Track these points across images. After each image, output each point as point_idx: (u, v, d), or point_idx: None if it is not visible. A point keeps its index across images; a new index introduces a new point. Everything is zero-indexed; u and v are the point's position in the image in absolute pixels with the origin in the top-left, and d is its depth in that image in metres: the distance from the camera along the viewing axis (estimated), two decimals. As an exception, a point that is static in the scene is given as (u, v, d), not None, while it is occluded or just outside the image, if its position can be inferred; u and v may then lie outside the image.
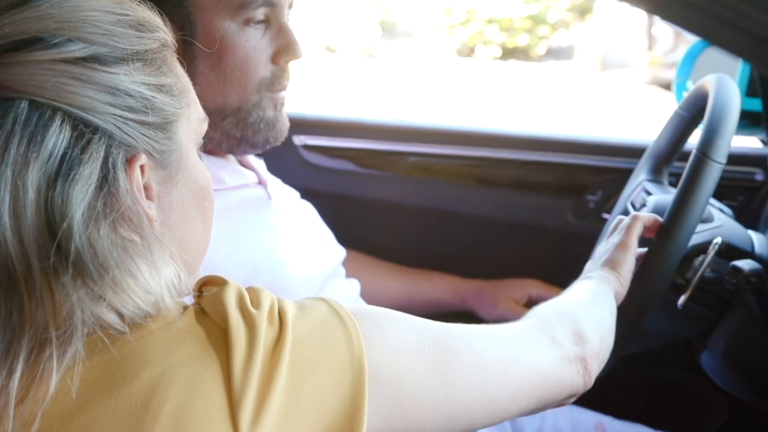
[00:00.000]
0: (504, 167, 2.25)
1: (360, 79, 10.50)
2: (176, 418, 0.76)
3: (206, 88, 1.44)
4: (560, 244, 1.99)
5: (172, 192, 0.92)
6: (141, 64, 0.87)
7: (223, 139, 1.50)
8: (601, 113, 9.02)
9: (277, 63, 1.48)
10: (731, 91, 1.54)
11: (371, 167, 2.29)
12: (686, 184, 1.44)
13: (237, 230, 1.47)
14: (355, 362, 0.85)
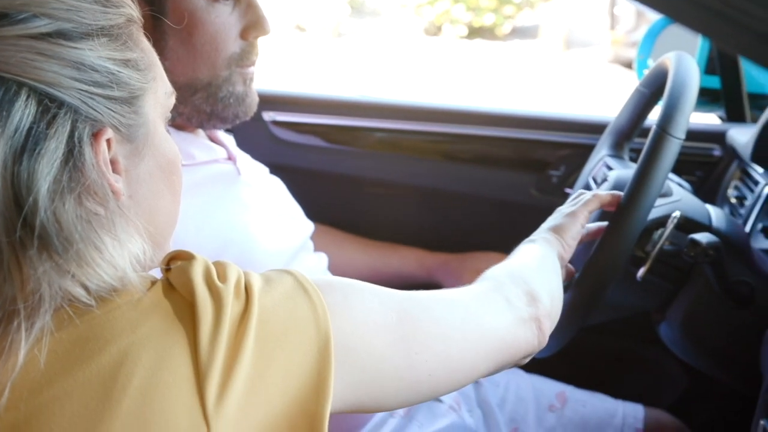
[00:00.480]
0: (469, 143, 2.25)
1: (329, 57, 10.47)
2: (143, 390, 0.76)
3: (176, 63, 1.43)
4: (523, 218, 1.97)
5: (140, 165, 0.90)
6: (107, 40, 0.85)
7: (193, 113, 1.49)
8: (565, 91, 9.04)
9: (246, 39, 1.47)
10: (690, 69, 1.54)
11: (339, 143, 2.28)
12: (646, 159, 1.44)
13: (207, 205, 1.46)
14: (321, 334, 0.84)
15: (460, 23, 12.15)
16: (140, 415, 0.76)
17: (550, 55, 11.22)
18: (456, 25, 12.18)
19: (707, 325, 1.60)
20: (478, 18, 12.11)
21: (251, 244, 1.51)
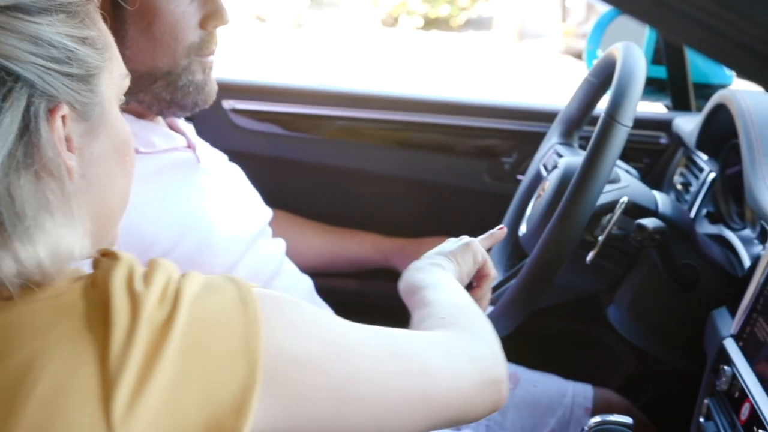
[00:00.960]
0: (424, 131, 2.25)
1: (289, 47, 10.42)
2: (48, 399, 0.72)
3: (137, 52, 1.41)
4: (477, 204, 1.99)
5: (93, 145, 0.87)
6: (65, 16, 0.82)
7: (153, 101, 1.47)
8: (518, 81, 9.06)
9: (205, 28, 1.46)
10: (638, 59, 1.55)
11: (298, 130, 2.27)
12: (595, 146, 1.44)
13: (167, 192, 1.45)
14: (251, 354, 0.79)
15: (416, 14, 12.15)
16: (41, 427, 0.72)
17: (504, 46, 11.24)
18: (412, 17, 12.17)
19: (653, 307, 1.61)
20: (434, 9, 12.11)
21: (210, 230, 1.50)
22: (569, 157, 1.70)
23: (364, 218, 2.17)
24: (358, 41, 11.04)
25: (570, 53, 10.00)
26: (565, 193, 1.47)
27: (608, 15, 2.36)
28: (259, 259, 1.60)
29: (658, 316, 1.62)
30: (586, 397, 1.83)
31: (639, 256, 1.58)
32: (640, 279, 1.59)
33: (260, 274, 1.58)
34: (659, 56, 2.20)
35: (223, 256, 1.51)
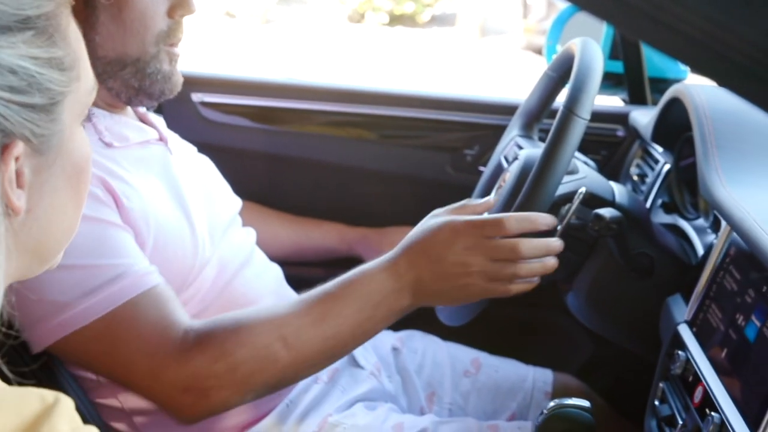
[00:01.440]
0: (388, 123, 2.25)
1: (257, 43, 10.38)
2: None
3: (107, 38, 1.41)
4: (439, 195, 1.98)
5: (46, 178, 0.77)
6: (31, 34, 0.71)
7: (122, 88, 1.46)
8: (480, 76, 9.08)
9: (172, 17, 1.45)
10: (595, 53, 1.55)
11: (265, 123, 2.27)
12: (554, 138, 1.44)
13: (141, 186, 1.44)
14: None
15: (381, 11, 12.13)
16: None
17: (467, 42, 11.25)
18: (378, 13, 12.15)
19: (610, 294, 1.61)
20: (399, 6, 12.11)
21: (184, 221, 1.49)
22: (529, 149, 1.70)
23: (329, 209, 2.17)
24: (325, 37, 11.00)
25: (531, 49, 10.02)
26: (525, 183, 1.47)
27: (567, 11, 2.37)
28: (230, 248, 1.59)
29: (615, 303, 1.62)
30: (546, 381, 1.84)
31: (596, 244, 1.59)
32: (597, 267, 1.60)
33: (231, 263, 1.57)
34: (616, 51, 2.21)
35: (197, 246, 1.50)
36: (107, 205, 1.35)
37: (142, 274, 1.33)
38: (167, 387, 1.29)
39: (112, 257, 1.31)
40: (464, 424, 1.61)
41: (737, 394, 1.21)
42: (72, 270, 1.27)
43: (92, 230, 1.30)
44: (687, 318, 1.45)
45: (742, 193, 1.37)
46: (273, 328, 1.31)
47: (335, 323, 1.33)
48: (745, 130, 1.51)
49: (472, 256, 1.33)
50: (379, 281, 1.35)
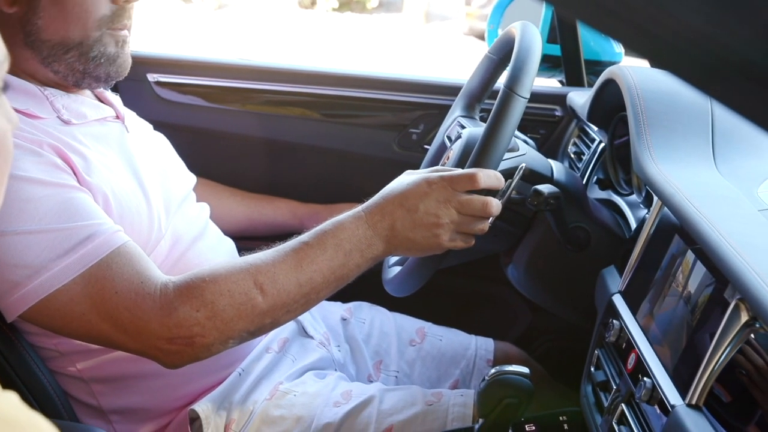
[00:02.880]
0: (337, 103, 2.24)
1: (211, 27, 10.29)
2: None
3: (49, 22, 1.38)
4: (386, 172, 1.98)
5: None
6: None
7: (68, 71, 1.44)
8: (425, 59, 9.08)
9: (116, 2, 1.42)
10: (534, 36, 1.55)
11: (218, 102, 2.26)
12: (495, 116, 1.44)
13: (99, 161, 1.42)
14: None
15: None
16: None
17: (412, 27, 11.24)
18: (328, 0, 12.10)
19: (548, 266, 1.62)
20: (348, -8, 12.08)
21: (140, 197, 1.48)
22: (471, 128, 1.69)
23: (280, 185, 2.16)
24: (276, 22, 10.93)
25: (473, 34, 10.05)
26: (467, 160, 1.46)
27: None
28: (185, 222, 1.58)
29: (553, 274, 1.63)
30: (488, 349, 1.85)
31: (535, 219, 1.59)
32: (536, 240, 1.60)
33: (186, 236, 1.56)
34: (554, 35, 2.21)
35: (153, 221, 1.49)
36: (66, 172, 1.34)
37: (111, 232, 1.31)
38: (153, 338, 1.28)
39: (81, 219, 1.29)
40: (409, 391, 1.61)
41: (668, 361, 1.22)
42: (43, 234, 1.25)
43: (56, 194, 1.29)
44: (620, 288, 1.45)
45: (672, 170, 1.37)
46: (249, 276, 1.31)
47: (309, 270, 1.33)
48: (675, 110, 1.51)
49: (444, 209, 1.36)
50: (351, 230, 1.36)
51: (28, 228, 1.25)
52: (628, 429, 1.28)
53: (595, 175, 1.86)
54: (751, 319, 1.05)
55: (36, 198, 1.27)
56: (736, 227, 1.15)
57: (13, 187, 1.25)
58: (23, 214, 1.25)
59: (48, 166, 1.31)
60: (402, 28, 11.10)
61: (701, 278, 1.20)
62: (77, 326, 1.30)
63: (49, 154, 1.33)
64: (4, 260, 1.24)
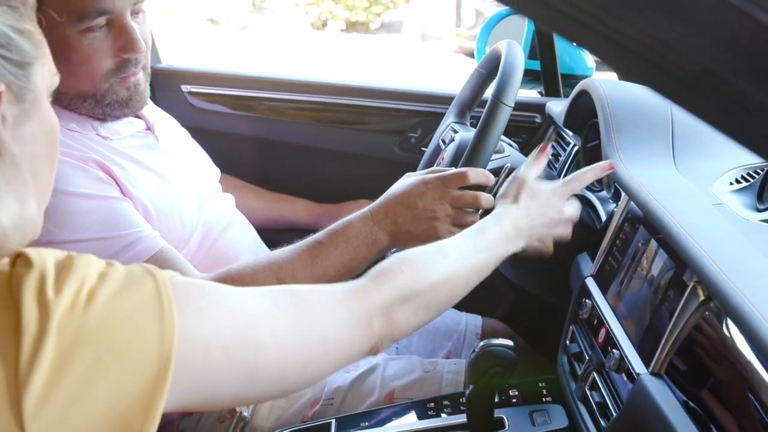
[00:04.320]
0: (345, 111, 2.24)
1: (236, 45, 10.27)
2: None
3: (64, 77, 1.34)
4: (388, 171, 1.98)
5: (26, 126, 0.77)
6: (6, 8, 0.74)
7: (89, 114, 1.42)
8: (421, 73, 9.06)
9: (120, 56, 1.38)
10: (518, 53, 1.55)
11: (242, 110, 2.26)
12: (484, 122, 1.45)
13: (137, 172, 1.42)
14: (164, 356, 0.69)
15: (339, 19, 12.03)
16: None
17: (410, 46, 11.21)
18: (336, 21, 12.05)
19: (530, 253, 1.61)
20: (354, 15, 12.01)
21: (176, 200, 1.48)
22: (463, 132, 1.69)
23: (295, 182, 2.16)
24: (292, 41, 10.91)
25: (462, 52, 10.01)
26: (460, 161, 1.46)
27: (494, 18, 2.36)
28: (214, 214, 1.58)
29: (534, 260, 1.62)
30: (477, 325, 1.84)
31: (519, 212, 1.58)
32: (519, 230, 1.59)
33: (215, 227, 1.56)
34: (534, 53, 2.21)
35: (186, 218, 1.49)
36: (110, 184, 1.34)
37: (151, 238, 1.32)
38: None
39: (124, 228, 1.30)
40: (409, 360, 1.61)
41: (633, 335, 1.21)
42: (92, 242, 1.26)
43: (102, 206, 1.30)
44: (593, 272, 1.45)
45: (637, 170, 1.37)
46: (272, 273, 1.32)
47: (323, 264, 1.34)
48: (641, 117, 1.51)
49: (440, 204, 1.37)
50: (358, 228, 1.37)
51: (78, 237, 1.26)
52: (599, 394, 1.28)
53: (569, 173, 1.85)
54: (707, 299, 1.05)
55: (84, 210, 1.28)
56: (694, 219, 1.15)
57: (64, 201, 1.26)
58: (74, 225, 1.26)
59: (94, 181, 1.32)
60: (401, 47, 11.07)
61: (663, 263, 1.20)
62: None
63: (94, 169, 1.33)
64: None
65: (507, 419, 1.36)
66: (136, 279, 0.72)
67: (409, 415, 1.45)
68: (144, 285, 0.72)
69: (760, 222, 1.19)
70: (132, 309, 0.69)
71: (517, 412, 1.39)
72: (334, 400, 1.52)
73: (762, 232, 1.15)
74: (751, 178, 1.35)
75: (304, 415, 1.51)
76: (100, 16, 1.32)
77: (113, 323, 0.68)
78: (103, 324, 0.67)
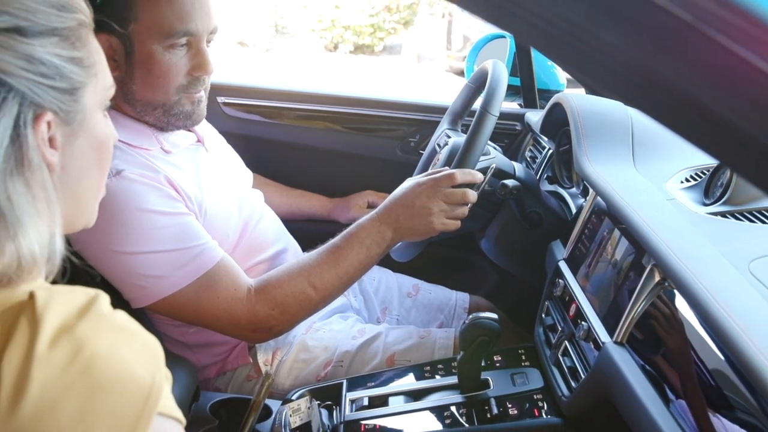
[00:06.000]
0: (354, 119, 2.22)
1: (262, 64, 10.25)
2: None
3: (140, 86, 1.34)
4: (391, 170, 1.98)
5: (74, 143, 0.75)
6: (57, 39, 0.71)
7: (156, 122, 1.40)
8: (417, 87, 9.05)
9: (192, 75, 1.37)
10: (502, 70, 1.55)
11: (269, 117, 2.25)
12: (474, 129, 1.44)
13: (195, 183, 1.41)
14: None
15: (348, 43, 11.99)
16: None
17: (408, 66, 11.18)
18: (346, 44, 12.02)
19: (511, 240, 1.61)
20: (360, 39, 11.97)
21: (225, 202, 1.48)
22: (455, 137, 1.69)
23: (313, 179, 2.15)
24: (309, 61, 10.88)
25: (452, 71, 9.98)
26: (452, 162, 1.46)
27: (481, 41, 2.36)
28: (250, 209, 1.58)
29: (515, 246, 1.62)
30: (465, 301, 1.84)
31: (502, 205, 1.58)
32: (502, 221, 1.59)
33: (251, 221, 1.57)
34: (515, 70, 2.20)
35: (232, 218, 1.49)
36: (178, 200, 1.34)
37: (213, 249, 1.33)
38: (243, 330, 1.35)
39: (192, 240, 1.31)
40: (407, 329, 1.61)
41: (599, 310, 1.21)
42: (165, 253, 1.28)
43: (174, 222, 1.30)
44: (565, 257, 1.45)
45: (603, 170, 1.37)
46: (304, 278, 1.36)
47: (344, 265, 1.38)
48: (605, 125, 1.51)
49: (433, 202, 1.39)
50: (368, 229, 1.40)
51: (155, 248, 1.27)
52: (570, 359, 1.28)
53: (545, 173, 1.85)
54: (662, 280, 1.05)
55: (160, 226, 1.28)
56: (651, 212, 1.15)
57: (144, 217, 1.27)
58: (152, 239, 1.27)
59: (167, 199, 1.31)
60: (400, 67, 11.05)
61: (625, 249, 1.20)
62: (186, 317, 1.34)
63: (166, 188, 1.32)
64: (139, 271, 1.27)
65: (492, 380, 1.36)
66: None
67: (409, 376, 1.45)
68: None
69: (707, 215, 1.18)
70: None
71: (500, 374, 1.39)
72: (343, 362, 1.52)
73: (708, 223, 1.15)
74: (699, 177, 1.34)
75: (318, 375, 1.51)
76: (183, 37, 1.32)
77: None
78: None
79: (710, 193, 1.25)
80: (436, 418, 1.31)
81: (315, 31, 12.07)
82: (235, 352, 1.53)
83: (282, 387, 1.50)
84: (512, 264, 1.66)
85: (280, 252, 1.60)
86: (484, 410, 1.30)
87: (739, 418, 0.83)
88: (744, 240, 1.07)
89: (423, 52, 11.59)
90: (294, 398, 1.39)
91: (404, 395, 1.38)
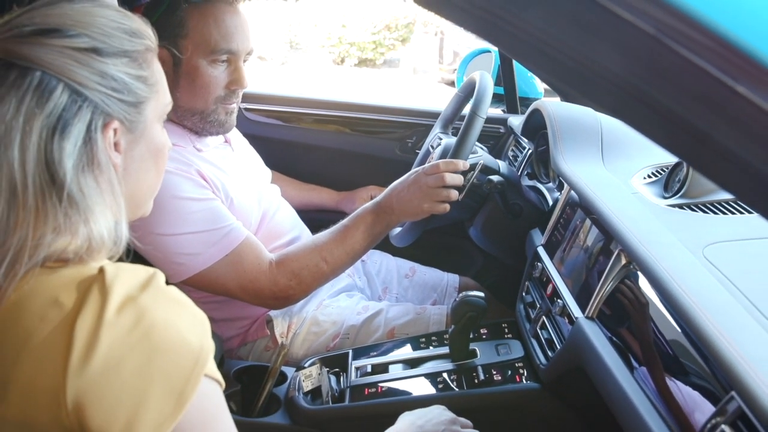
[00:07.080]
0: (360, 122, 2.22)
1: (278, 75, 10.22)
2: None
3: (183, 94, 1.36)
4: (391, 167, 1.98)
5: (135, 149, 0.77)
6: (127, 60, 0.74)
7: (192, 127, 1.41)
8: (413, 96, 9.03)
9: (229, 88, 1.39)
10: (488, 80, 1.55)
11: (286, 121, 2.24)
12: (464, 130, 1.44)
13: (223, 177, 1.41)
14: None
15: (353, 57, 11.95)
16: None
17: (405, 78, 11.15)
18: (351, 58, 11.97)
19: (496, 228, 1.61)
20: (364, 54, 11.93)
21: (248, 196, 1.48)
22: (446, 139, 1.68)
23: (320, 176, 2.14)
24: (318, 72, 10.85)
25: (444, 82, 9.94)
26: None
27: (470, 55, 2.36)
28: (268, 202, 1.58)
29: (499, 233, 1.62)
30: (455, 281, 1.84)
31: (488, 197, 1.58)
32: (488, 211, 1.59)
33: (269, 211, 1.57)
34: (500, 80, 2.20)
35: (254, 208, 1.50)
36: (207, 188, 1.35)
37: (238, 229, 1.35)
38: (265, 298, 1.36)
39: (220, 222, 1.32)
40: (405, 306, 1.61)
41: (573, 289, 1.21)
42: (199, 234, 1.29)
43: (204, 206, 1.32)
44: (542, 243, 1.45)
45: (576, 167, 1.36)
46: (317, 253, 1.38)
47: (351, 242, 1.40)
48: (578, 129, 1.51)
49: (421, 187, 1.40)
50: (371, 213, 1.42)
51: (189, 230, 1.29)
52: (547, 332, 1.28)
53: (525, 170, 1.84)
54: (627, 263, 1.05)
55: (193, 210, 1.29)
56: (618, 204, 1.15)
57: (179, 204, 1.28)
58: (186, 222, 1.29)
59: (198, 187, 1.32)
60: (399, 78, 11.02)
61: (595, 236, 1.19)
62: (217, 289, 1.35)
63: (197, 177, 1.33)
64: (175, 250, 1.28)
65: (479, 350, 1.36)
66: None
67: (406, 347, 1.45)
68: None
69: (667, 206, 1.18)
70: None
71: (486, 345, 1.39)
72: (350, 335, 1.52)
73: (668, 214, 1.15)
74: (660, 174, 1.34)
75: (328, 346, 1.51)
76: (225, 54, 1.34)
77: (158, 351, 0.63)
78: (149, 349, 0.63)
79: (669, 187, 1.25)
80: (430, 383, 1.31)
81: (324, 46, 12.04)
82: (255, 326, 1.53)
83: (296, 356, 1.50)
84: (497, 249, 1.67)
85: (294, 239, 1.60)
86: (472, 376, 1.30)
87: (692, 382, 0.83)
88: (699, 228, 1.07)
89: (418, 65, 11.56)
90: (306, 366, 1.39)
91: (402, 363, 1.39)
